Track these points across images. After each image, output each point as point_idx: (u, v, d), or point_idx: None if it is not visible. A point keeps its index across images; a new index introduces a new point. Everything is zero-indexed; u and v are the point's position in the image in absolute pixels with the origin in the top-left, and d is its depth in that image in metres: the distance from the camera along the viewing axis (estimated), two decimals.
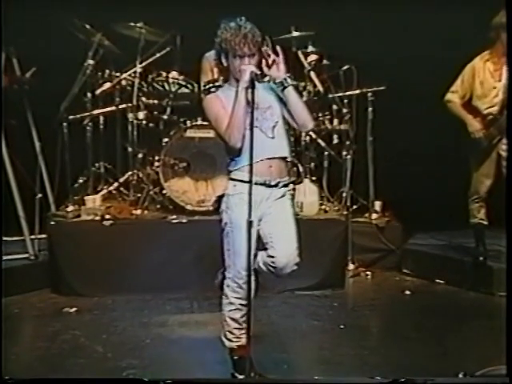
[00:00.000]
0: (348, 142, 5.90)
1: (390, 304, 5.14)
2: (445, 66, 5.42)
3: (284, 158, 3.52)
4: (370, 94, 5.82)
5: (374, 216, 5.91)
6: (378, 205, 5.96)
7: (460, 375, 3.27)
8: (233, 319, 3.54)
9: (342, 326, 4.54)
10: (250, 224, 3.28)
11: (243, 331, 3.51)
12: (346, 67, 5.75)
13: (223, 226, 3.53)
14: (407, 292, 5.29)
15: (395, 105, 5.95)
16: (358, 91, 5.83)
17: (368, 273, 5.69)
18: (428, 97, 5.51)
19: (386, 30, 6.02)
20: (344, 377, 3.57)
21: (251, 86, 3.32)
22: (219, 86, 5.63)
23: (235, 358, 3.60)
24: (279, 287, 5.01)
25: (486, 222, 5.27)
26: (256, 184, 3.38)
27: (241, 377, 3.55)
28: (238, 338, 3.56)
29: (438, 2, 5.80)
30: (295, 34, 5.85)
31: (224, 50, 3.43)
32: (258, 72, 3.36)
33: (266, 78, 3.57)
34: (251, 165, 3.28)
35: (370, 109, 5.83)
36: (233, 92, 3.43)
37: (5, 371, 3.47)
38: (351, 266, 5.68)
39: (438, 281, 5.47)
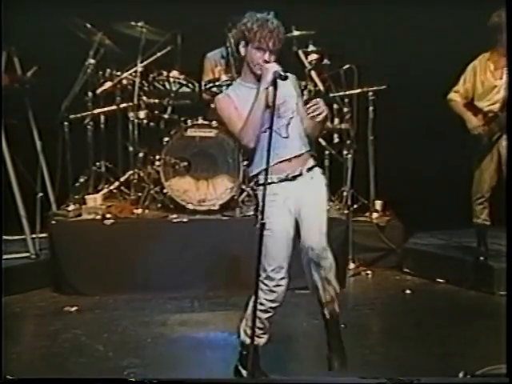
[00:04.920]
0: (349, 141, 5.90)
1: (390, 303, 5.13)
2: (446, 65, 5.42)
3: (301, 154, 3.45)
4: (370, 93, 5.83)
5: (375, 215, 5.92)
6: (378, 204, 5.97)
7: (460, 374, 3.26)
8: (258, 318, 3.47)
9: (342, 325, 4.52)
10: (262, 226, 3.21)
11: (263, 331, 3.53)
12: (346, 66, 5.75)
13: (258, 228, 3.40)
14: (408, 291, 5.29)
15: (396, 104, 5.95)
16: (358, 90, 5.83)
17: (369, 272, 5.69)
18: (429, 96, 5.51)
19: (387, 29, 6.02)
20: (344, 376, 3.57)
21: (273, 86, 3.24)
22: (222, 85, 5.71)
23: (244, 353, 3.57)
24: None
25: (488, 223, 5.26)
26: (280, 181, 3.36)
27: (244, 372, 3.54)
28: (257, 336, 3.51)
29: (439, 2, 5.79)
30: (296, 33, 5.85)
31: (246, 40, 3.33)
32: (282, 72, 3.27)
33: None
34: (267, 169, 3.21)
35: (370, 108, 5.83)
36: (245, 88, 3.38)
37: (6, 370, 3.48)
38: (352, 265, 5.68)
39: (438, 280, 5.46)
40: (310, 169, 3.48)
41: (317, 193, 3.48)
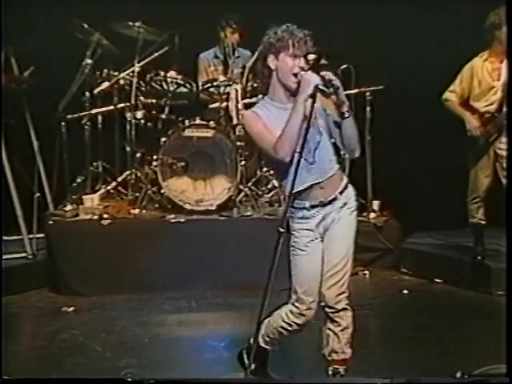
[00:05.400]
0: None
1: (388, 303, 5.13)
2: (443, 65, 5.42)
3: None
4: (368, 94, 5.81)
5: (373, 215, 5.90)
6: (376, 204, 5.96)
7: (458, 374, 3.26)
8: (280, 334, 3.46)
9: None
10: (279, 233, 3.12)
11: (279, 341, 3.51)
12: (344, 66, 5.73)
13: (290, 249, 3.38)
14: (405, 291, 5.29)
15: (393, 104, 5.94)
16: (356, 90, 5.81)
17: (366, 272, 5.68)
18: (426, 96, 5.50)
19: (384, 29, 6.02)
20: (342, 376, 3.56)
21: (312, 99, 3.12)
22: (219, 86, 5.70)
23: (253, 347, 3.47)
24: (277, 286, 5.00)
25: (484, 222, 5.26)
26: (313, 207, 3.29)
27: (246, 361, 3.49)
28: (272, 345, 3.53)
29: (437, 2, 5.79)
30: None
31: (276, 51, 3.22)
32: (324, 87, 3.15)
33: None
34: (291, 193, 3.13)
35: (368, 108, 5.82)
36: (274, 108, 3.26)
37: (5, 370, 3.47)
38: None
39: (436, 280, 5.46)
40: (342, 190, 3.35)
41: (345, 232, 3.36)
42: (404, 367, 3.87)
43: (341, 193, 3.34)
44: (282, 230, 3.12)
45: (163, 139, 5.58)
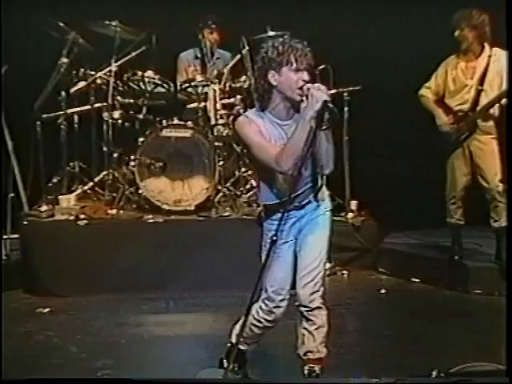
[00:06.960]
0: None
1: (365, 302, 5.14)
2: (421, 65, 5.45)
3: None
4: (345, 94, 5.83)
5: (350, 215, 5.92)
6: (353, 204, 5.97)
7: (434, 373, 3.26)
8: (251, 331, 3.47)
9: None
10: (272, 243, 3.14)
11: (254, 340, 3.53)
12: (321, 67, 5.74)
13: (262, 248, 3.40)
14: (383, 290, 5.30)
15: (371, 104, 5.97)
16: (334, 91, 5.82)
17: (344, 272, 5.69)
18: (403, 97, 5.53)
19: (362, 30, 6.05)
20: (320, 376, 3.56)
21: (320, 116, 3.08)
22: (197, 86, 5.69)
23: (232, 349, 3.51)
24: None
25: (462, 222, 5.28)
26: (289, 211, 3.26)
27: (226, 364, 3.50)
28: (247, 344, 3.54)
29: (415, 2, 5.83)
30: (271, 33, 5.84)
31: (277, 66, 3.17)
32: (331, 104, 3.10)
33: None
34: (283, 214, 3.16)
35: (345, 108, 5.84)
36: (273, 123, 3.23)
37: None
38: (327, 265, 5.65)
39: (413, 279, 5.49)
40: (317, 193, 3.37)
41: (318, 232, 3.39)
42: (381, 366, 3.87)
43: (315, 196, 3.37)
44: (274, 238, 3.14)
45: (141, 139, 5.54)
